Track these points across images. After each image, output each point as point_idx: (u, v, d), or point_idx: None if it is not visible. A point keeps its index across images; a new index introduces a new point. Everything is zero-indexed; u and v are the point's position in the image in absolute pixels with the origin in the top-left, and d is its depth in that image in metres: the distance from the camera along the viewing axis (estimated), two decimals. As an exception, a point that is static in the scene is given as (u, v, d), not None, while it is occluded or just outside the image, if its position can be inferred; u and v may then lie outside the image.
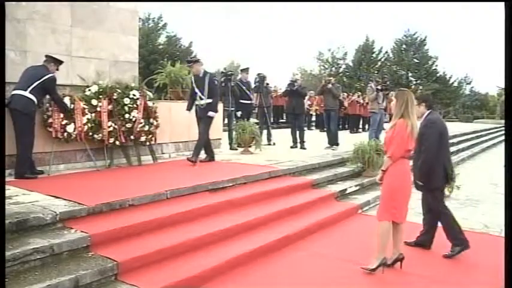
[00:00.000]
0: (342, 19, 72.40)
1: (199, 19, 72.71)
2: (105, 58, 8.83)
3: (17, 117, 6.48)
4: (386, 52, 48.88)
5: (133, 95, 7.94)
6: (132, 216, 5.06)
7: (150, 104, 8.20)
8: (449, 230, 5.38)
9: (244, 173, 7.18)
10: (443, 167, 5.27)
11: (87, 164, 7.72)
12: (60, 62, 7.15)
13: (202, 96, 8.43)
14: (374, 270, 4.77)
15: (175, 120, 9.25)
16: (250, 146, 10.17)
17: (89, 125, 7.40)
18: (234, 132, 10.44)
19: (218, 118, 9.24)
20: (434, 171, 5.22)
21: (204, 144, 8.63)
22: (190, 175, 7.01)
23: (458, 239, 5.34)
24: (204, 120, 8.52)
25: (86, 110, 7.39)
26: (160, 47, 38.10)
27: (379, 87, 11.94)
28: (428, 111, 5.35)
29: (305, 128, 13.66)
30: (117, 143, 7.78)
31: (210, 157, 8.81)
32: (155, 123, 8.24)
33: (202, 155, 8.68)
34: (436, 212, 5.46)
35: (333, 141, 11.88)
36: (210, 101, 8.44)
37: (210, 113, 8.46)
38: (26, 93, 6.51)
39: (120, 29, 9.10)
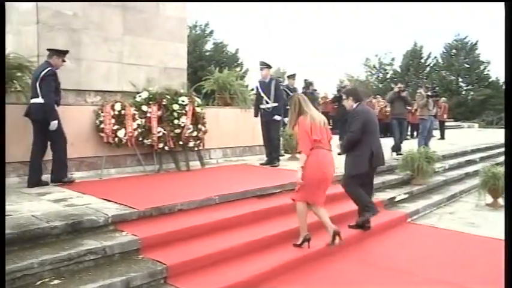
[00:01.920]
0: (387, 25, 71.39)
1: (245, 26, 73.29)
2: (154, 65, 9.04)
3: (39, 127, 6.33)
4: (436, 57, 47.74)
5: (182, 101, 8.10)
6: (181, 221, 5.14)
7: (198, 110, 8.34)
8: (357, 201, 6.15)
9: (291, 179, 7.10)
10: (370, 153, 5.94)
11: (137, 168, 7.91)
12: (64, 52, 6.69)
13: (268, 101, 8.76)
14: (300, 245, 5.26)
15: (223, 126, 9.36)
16: (298, 152, 10.14)
17: (139, 130, 7.59)
18: (281, 138, 10.45)
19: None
20: (358, 158, 5.95)
21: (272, 148, 8.96)
22: (239, 181, 7.06)
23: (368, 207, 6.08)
24: (271, 126, 8.81)
25: (136, 116, 7.59)
26: (207, 53, 38.56)
27: (429, 93, 11.66)
28: (356, 104, 6.09)
29: None
30: (166, 148, 7.95)
31: (267, 162, 8.98)
32: (203, 129, 8.36)
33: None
34: (347, 190, 6.17)
35: (397, 149, 11.45)
36: (275, 104, 8.81)
37: (276, 117, 8.84)
38: (39, 99, 6.30)
39: (169, 37, 9.29)
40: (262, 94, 8.88)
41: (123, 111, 7.46)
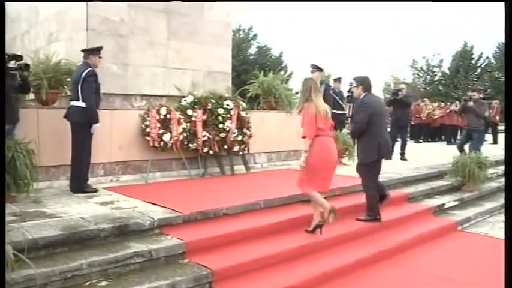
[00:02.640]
0: (437, 24, 69.80)
1: (289, 29, 73.29)
2: (199, 69, 9.14)
3: (73, 130, 6.30)
4: (488, 58, 46.20)
5: (227, 105, 8.16)
6: (226, 225, 5.18)
7: (243, 114, 8.39)
8: (367, 201, 6.26)
9: (337, 184, 7.02)
10: (377, 144, 6.04)
11: (182, 172, 8.02)
12: (99, 49, 6.59)
13: None
14: (312, 232, 5.45)
15: (268, 130, 9.36)
16: (343, 157, 10.04)
17: (184, 134, 7.69)
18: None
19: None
20: (367, 147, 6.11)
21: None
22: (283, 185, 7.03)
23: (372, 212, 6.18)
24: None
25: (182, 120, 7.69)
26: (251, 57, 38.68)
27: (481, 95, 11.25)
28: (364, 94, 6.16)
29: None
30: (211, 152, 8.03)
31: None
32: (248, 133, 8.40)
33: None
34: (363, 184, 6.35)
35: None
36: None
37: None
38: (79, 102, 6.26)
39: (214, 41, 9.38)
40: None
41: (168, 116, 7.58)
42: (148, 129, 7.44)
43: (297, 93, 10.96)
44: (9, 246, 3.29)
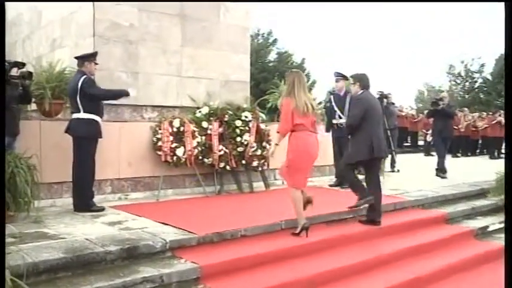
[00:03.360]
0: (476, 26, 69.35)
1: (311, 33, 73.52)
2: (215, 78, 9.19)
3: (75, 144, 6.35)
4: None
5: (245, 116, 8.18)
6: (244, 248, 5.17)
7: (262, 126, 8.40)
8: (352, 186, 6.67)
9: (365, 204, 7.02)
10: (370, 142, 6.30)
11: (196, 189, 8.04)
12: (93, 55, 6.64)
13: (342, 115, 8.69)
14: (298, 234, 5.67)
15: (289, 144, 9.34)
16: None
17: (199, 148, 7.72)
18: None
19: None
20: (358, 145, 6.39)
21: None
22: (308, 206, 7.01)
23: (362, 194, 6.44)
24: (342, 143, 8.70)
25: (196, 133, 7.72)
26: (271, 64, 38.71)
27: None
28: (361, 91, 6.51)
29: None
30: (228, 168, 8.04)
31: (338, 183, 8.97)
32: (268, 147, 8.39)
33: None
34: (345, 179, 6.89)
35: None
36: None
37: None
38: (80, 114, 6.31)
39: (231, 47, 9.44)
40: (336, 108, 8.86)
41: (182, 128, 7.62)
42: (160, 143, 7.49)
43: (320, 103, 10.95)
44: (7, 271, 3.25)
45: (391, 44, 75.19)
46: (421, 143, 20.66)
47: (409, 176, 11.02)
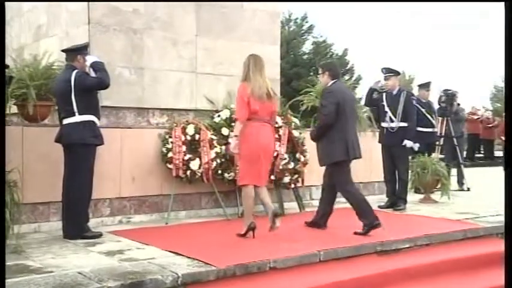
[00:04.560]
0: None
1: (356, 18, 73.36)
2: (237, 74, 9.09)
3: (69, 154, 6.37)
4: None
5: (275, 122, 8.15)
6: (274, 283, 5.14)
7: (295, 133, 8.36)
8: (357, 207, 6.82)
9: (426, 230, 6.96)
10: (344, 141, 6.70)
11: (214, 211, 8.06)
12: (85, 47, 6.77)
13: (394, 118, 8.77)
14: (244, 235, 6.36)
15: (329, 155, 9.30)
16: (433, 192, 9.86)
17: (218, 160, 7.71)
18: (409, 172, 10.21)
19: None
20: (334, 144, 6.73)
21: (397, 185, 8.98)
22: (351, 230, 6.95)
23: (368, 219, 6.66)
24: (396, 153, 8.77)
25: (215, 142, 7.73)
26: (305, 56, 38.58)
27: None
28: (332, 81, 6.94)
29: None
30: (253, 184, 8.00)
31: (390, 204, 8.99)
32: (303, 159, 8.34)
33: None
34: (339, 191, 6.97)
35: None
36: (404, 124, 8.78)
37: (406, 142, 8.76)
38: (75, 118, 6.30)
39: (257, 37, 9.45)
40: (387, 108, 8.89)
41: (197, 136, 7.64)
42: (170, 154, 7.51)
43: (360, 99, 10.89)
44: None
45: (457, 30, 74.60)
46: (498, 153, 20.20)
47: (482, 195, 10.89)
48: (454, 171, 11.70)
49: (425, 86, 11.80)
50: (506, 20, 4.94)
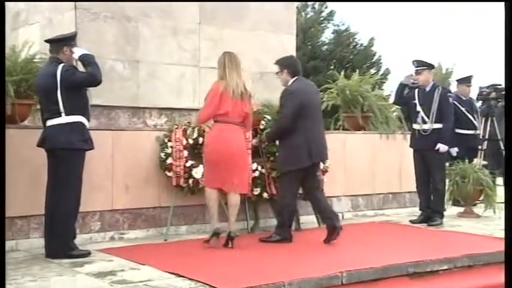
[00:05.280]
0: None
1: (383, 2, 73.10)
2: (246, 68, 9.13)
3: (54, 159, 6.34)
4: None
5: (290, 123, 8.15)
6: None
7: (313, 136, 8.34)
8: (280, 215, 7.41)
9: (466, 249, 6.93)
10: (306, 143, 7.03)
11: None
12: (71, 38, 6.68)
13: (427, 119, 8.72)
14: (207, 242, 6.86)
15: (353, 162, 9.32)
16: (475, 205, 9.81)
17: (224, 167, 7.71)
18: (447, 181, 10.15)
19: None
20: (294, 149, 7.07)
21: (432, 196, 8.91)
22: (378, 249, 6.94)
23: (283, 230, 7.29)
24: (430, 159, 8.72)
25: (221, 146, 7.72)
26: (325, 47, 38.52)
27: None
28: (293, 79, 7.27)
29: None
30: (265, 195, 7.99)
31: (424, 219, 8.92)
32: (322, 166, 8.31)
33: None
34: (280, 197, 7.47)
35: None
36: (439, 126, 8.70)
37: (440, 146, 8.65)
38: (61, 119, 6.27)
39: (269, 25, 9.48)
40: (419, 108, 8.84)
41: (200, 140, 7.64)
42: (170, 160, 7.51)
43: (388, 96, 10.85)
44: None
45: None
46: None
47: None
48: (500, 180, 11.60)
49: (465, 81, 11.71)
50: (506, 20, 5.43)
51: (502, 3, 6.08)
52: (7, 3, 9.44)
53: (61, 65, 6.34)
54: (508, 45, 5.21)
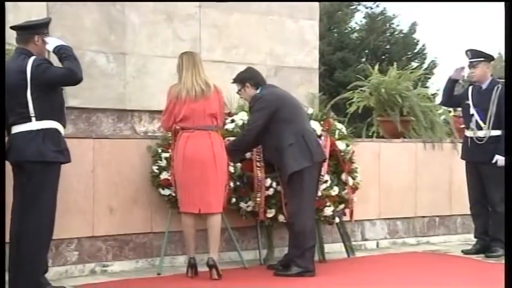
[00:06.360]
0: None
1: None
2: (259, 62, 9.17)
3: (21, 175, 6.28)
4: None
5: (312, 129, 8.17)
6: None
7: (341, 145, 8.35)
8: (296, 238, 7.40)
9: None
10: (304, 141, 7.30)
11: (225, 255, 8.10)
12: (44, 25, 6.65)
13: (483, 124, 8.66)
14: (186, 274, 7.20)
15: (389, 177, 9.32)
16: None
17: (232, 184, 7.74)
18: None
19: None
20: (293, 149, 7.25)
21: (489, 219, 8.80)
22: (422, 286, 6.95)
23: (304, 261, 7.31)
24: (487, 174, 8.62)
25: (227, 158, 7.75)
26: (354, 35, 38.44)
27: None
28: (257, 90, 7.58)
29: None
30: (281, 218, 8.01)
31: (480, 248, 8.85)
32: (351, 182, 8.33)
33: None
34: (291, 212, 7.49)
35: None
36: (497, 132, 8.53)
37: (498, 158, 8.43)
38: (31, 125, 6.18)
39: (286, 9, 9.54)
40: (473, 110, 8.76)
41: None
42: (164, 175, 7.54)
43: (435, 95, 10.82)
44: None
45: None
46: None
47: None
48: None
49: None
50: (506, 20, 6.14)
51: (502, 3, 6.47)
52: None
53: (31, 59, 6.24)
54: (508, 45, 6.04)
